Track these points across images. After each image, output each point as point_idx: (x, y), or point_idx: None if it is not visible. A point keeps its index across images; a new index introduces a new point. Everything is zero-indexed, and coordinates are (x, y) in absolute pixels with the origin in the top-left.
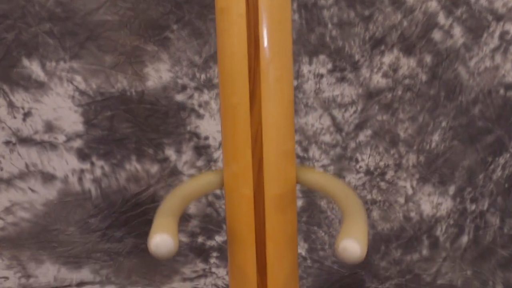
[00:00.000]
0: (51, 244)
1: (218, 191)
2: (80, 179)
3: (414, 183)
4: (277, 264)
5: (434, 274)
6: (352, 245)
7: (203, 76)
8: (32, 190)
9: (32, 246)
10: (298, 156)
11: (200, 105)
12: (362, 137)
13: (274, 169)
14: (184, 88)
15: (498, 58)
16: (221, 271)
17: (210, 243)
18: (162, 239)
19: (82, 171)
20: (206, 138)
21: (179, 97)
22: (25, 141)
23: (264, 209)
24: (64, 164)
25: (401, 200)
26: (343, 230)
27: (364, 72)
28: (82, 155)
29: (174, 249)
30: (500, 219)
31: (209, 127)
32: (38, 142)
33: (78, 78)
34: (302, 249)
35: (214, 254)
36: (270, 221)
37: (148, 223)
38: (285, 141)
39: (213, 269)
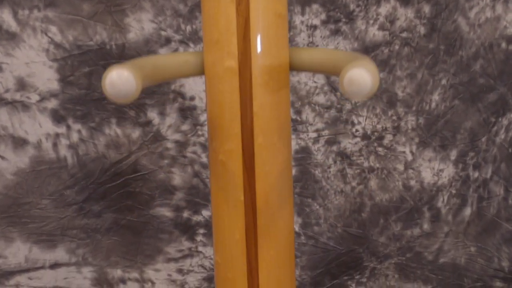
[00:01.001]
0: (22, 220)
1: (204, 159)
2: (55, 145)
3: (414, 148)
4: (267, 158)
5: (436, 252)
6: (360, 73)
7: (188, 28)
8: (2, 157)
9: (1, 221)
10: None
11: None
12: None
13: (264, 33)
14: (168, 41)
15: (499, 8)
16: (209, 250)
17: (197, 218)
18: (119, 76)
19: (57, 135)
20: (192, 98)
21: (163, 52)
22: None
23: (251, 85)
24: (38, 127)
25: (400, 167)
26: (347, 65)
27: (360, 24)
28: (57, 118)
29: (134, 90)
30: (504, 189)
31: (195, 86)
32: (9, 101)
33: (54, 29)
34: (295, 224)
35: (201, 231)
36: (259, 102)
37: (129, 196)
38: (276, 1)
39: (200, 248)
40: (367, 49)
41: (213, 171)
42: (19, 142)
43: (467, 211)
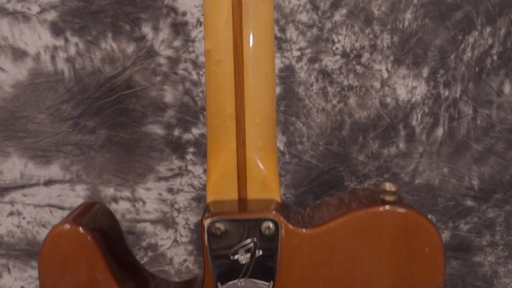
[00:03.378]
0: (19, 134)
1: (195, 77)
2: (53, 57)
3: (389, 65)
4: None
5: (412, 173)
6: None
7: None
8: (2, 69)
9: None
10: (276, 37)
11: None
12: (337, 16)
13: None
14: None
15: None
16: (198, 169)
17: (187, 136)
18: None
19: (55, 48)
20: (184, 14)
21: None
22: None
23: None
24: (37, 39)
25: (377, 84)
26: None
27: None
28: (56, 30)
29: None
30: (473, 109)
31: (187, 1)
32: (11, 12)
33: None
34: (280, 143)
35: (191, 149)
36: None
37: (123, 113)
38: None
39: (190, 167)
40: None
41: None
42: (18, 54)
43: (440, 131)
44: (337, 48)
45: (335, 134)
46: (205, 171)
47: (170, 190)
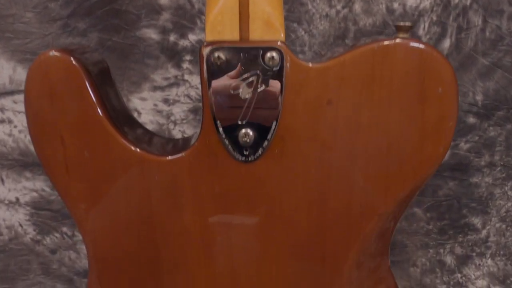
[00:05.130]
0: (6, 35)
1: None
2: None
3: None
4: None
5: None
6: None
7: None
8: None
9: None
10: None
11: None
12: None
13: None
14: None
15: None
16: (194, 79)
17: (183, 43)
18: None
19: None
20: None
21: None
22: None
23: None
24: None
25: None
26: None
27: None
28: None
29: None
30: (483, 19)
31: None
32: None
33: None
34: None
35: (187, 57)
36: None
37: (116, 15)
38: None
39: (186, 76)
40: None
41: None
42: None
43: (447, 43)
44: None
45: (338, 42)
46: None
47: (166, 101)
